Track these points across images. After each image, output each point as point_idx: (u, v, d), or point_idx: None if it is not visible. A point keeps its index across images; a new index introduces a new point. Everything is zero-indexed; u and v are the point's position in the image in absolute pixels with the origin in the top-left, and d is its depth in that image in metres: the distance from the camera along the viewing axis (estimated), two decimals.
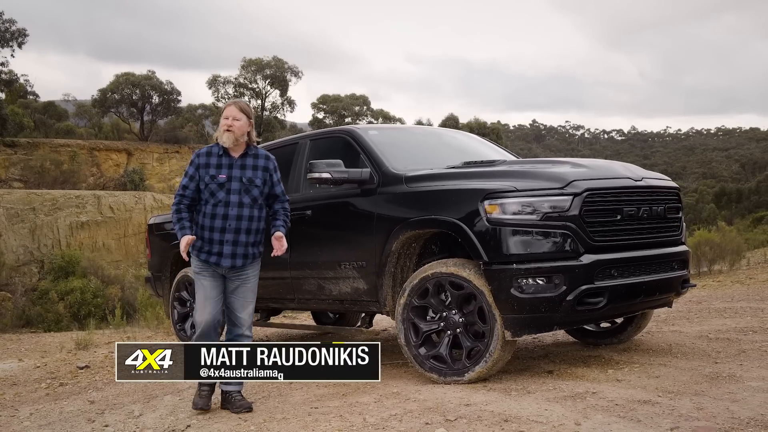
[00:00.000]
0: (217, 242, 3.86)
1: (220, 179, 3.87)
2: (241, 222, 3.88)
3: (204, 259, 3.89)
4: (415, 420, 3.35)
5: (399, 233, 4.41)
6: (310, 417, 3.61)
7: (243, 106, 3.95)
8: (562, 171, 4.14)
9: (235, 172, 3.90)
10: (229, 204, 3.86)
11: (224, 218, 3.86)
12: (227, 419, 3.73)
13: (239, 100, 4.06)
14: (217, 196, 3.86)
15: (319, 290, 5.07)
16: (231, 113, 3.89)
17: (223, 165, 3.90)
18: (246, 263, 3.93)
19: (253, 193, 3.92)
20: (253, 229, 3.94)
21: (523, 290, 3.87)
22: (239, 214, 3.87)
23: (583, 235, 3.93)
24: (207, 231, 3.88)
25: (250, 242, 3.92)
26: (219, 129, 3.93)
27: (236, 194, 3.87)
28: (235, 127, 3.86)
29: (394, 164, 4.74)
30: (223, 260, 3.87)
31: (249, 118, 3.93)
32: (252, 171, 3.94)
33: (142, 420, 3.87)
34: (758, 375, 3.86)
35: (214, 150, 3.95)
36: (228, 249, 3.86)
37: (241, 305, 3.95)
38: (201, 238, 3.89)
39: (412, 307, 4.29)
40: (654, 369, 4.14)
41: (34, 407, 4.41)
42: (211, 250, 3.87)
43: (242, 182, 3.89)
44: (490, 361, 4.00)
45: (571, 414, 3.25)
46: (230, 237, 3.86)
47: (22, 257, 22.99)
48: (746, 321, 5.80)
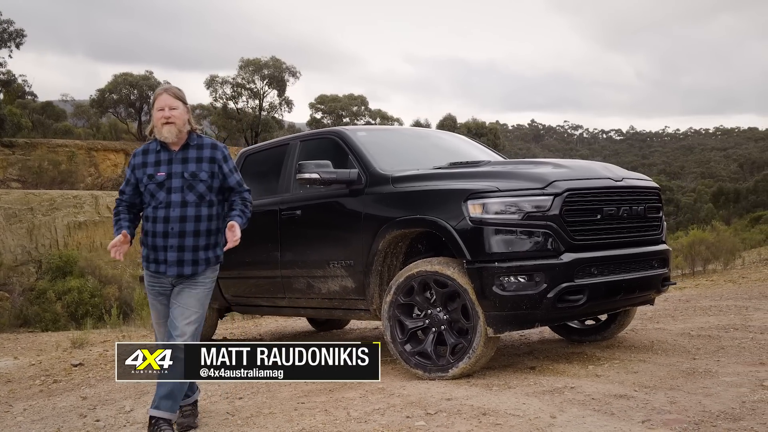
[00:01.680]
0: (161, 248, 3.41)
1: (159, 177, 3.43)
2: (186, 224, 3.40)
3: (153, 270, 3.47)
4: (396, 414, 3.44)
5: (386, 232, 4.51)
6: (296, 412, 3.70)
7: (176, 92, 3.49)
8: (544, 171, 4.24)
9: (176, 168, 3.44)
10: (171, 204, 3.40)
11: (166, 221, 3.41)
12: (215, 414, 3.82)
13: (170, 86, 3.55)
14: (157, 197, 3.42)
15: (309, 289, 5.16)
16: (165, 102, 3.42)
17: (162, 161, 3.46)
18: (196, 271, 3.44)
19: (198, 189, 3.43)
20: (202, 230, 3.45)
21: (504, 288, 3.96)
22: (182, 214, 3.40)
23: (564, 234, 4.03)
24: (150, 237, 3.44)
25: (200, 246, 3.44)
26: (153, 123, 3.47)
27: (178, 193, 3.41)
28: (175, 116, 3.41)
29: (381, 165, 4.83)
30: (168, 268, 3.42)
31: (185, 104, 3.50)
32: (195, 164, 3.46)
33: (132, 415, 3.97)
34: (733, 371, 3.96)
35: (151, 147, 3.52)
36: (172, 255, 3.40)
37: (179, 313, 3.41)
38: (147, 245, 3.47)
39: (398, 305, 4.38)
40: (633, 365, 4.24)
41: (28, 403, 4.50)
42: (157, 258, 3.44)
43: (184, 178, 3.42)
44: (474, 357, 4.09)
45: (548, 408, 3.35)
46: (174, 242, 3.39)
47: (20, 257, 23.08)
48: (729, 319, 5.90)
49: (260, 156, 6.16)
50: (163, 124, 3.40)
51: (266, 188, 5.77)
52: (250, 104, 41.17)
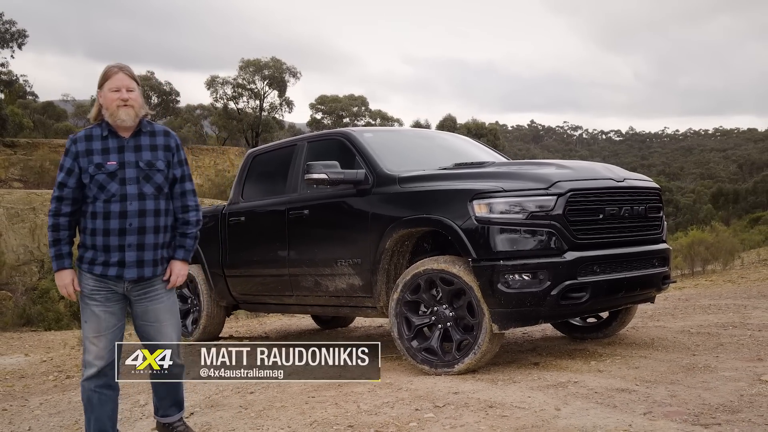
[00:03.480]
0: (116, 248, 3.00)
1: (110, 167, 3.01)
2: (145, 219, 3.03)
3: (100, 273, 3.01)
4: (405, 406, 3.55)
5: (392, 231, 4.62)
6: (307, 405, 3.81)
7: (132, 72, 3.11)
8: (547, 172, 4.35)
9: (129, 156, 3.04)
10: (127, 197, 3.01)
11: (122, 216, 3.00)
12: (228, 407, 3.93)
13: (123, 64, 3.12)
14: (108, 189, 3.00)
15: (317, 287, 5.27)
16: (122, 82, 3.03)
17: (111, 149, 3.04)
18: (156, 272, 3.10)
19: (156, 180, 3.07)
20: (161, 226, 3.09)
21: (509, 285, 4.07)
22: (141, 208, 3.02)
23: (567, 233, 4.14)
24: (101, 236, 3.00)
25: (159, 244, 3.09)
26: (104, 104, 3.05)
27: (133, 184, 3.02)
28: (132, 98, 3.04)
29: (388, 165, 4.94)
30: (127, 271, 3.01)
31: (139, 86, 3.14)
32: (150, 152, 3.09)
33: (147, 408, 4.07)
34: (732, 366, 4.07)
35: (95, 132, 3.07)
36: (132, 256, 3.01)
37: (156, 331, 3.12)
38: (92, 247, 3.02)
39: (405, 302, 4.49)
40: (634, 360, 4.35)
41: (43, 398, 4.61)
42: (108, 260, 3.00)
43: (139, 168, 3.05)
44: (479, 353, 4.20)
45: (552, 401, 3.46)
46: (133, 240, 3.01)
47: (22, 257, 23.15)
48: (728, 317, 6.01)
49: (267, 157, 6.27)
50: (119, 107, 3.01)
51: (273, 188, 5.90)
52: (251, 105, 41.30)
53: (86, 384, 3.06)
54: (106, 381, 3.06)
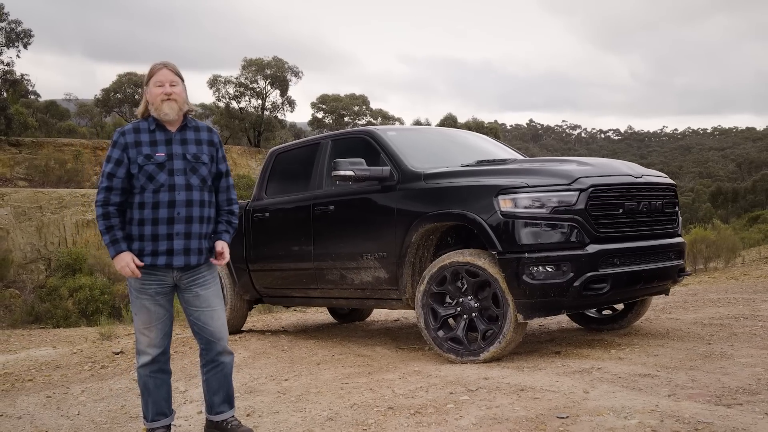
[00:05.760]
0: (165, 237, 3.10)
1: (159, 158, 3.11)
2: (192, 209, 3.13)
3: (150, 264, 3.10)
4: (440, 390, 3.74)
5: (419, 226, 4.80)
6: (342, 390, 4.00)
7: (176, 68, 3.22)
8: (569, 168, 4.54)
9: (176, 149, 3.16)
10: (175, 187, 3.11)
11: (170, 206, 3.09)
12: (267, 393, 4.11)
13: (167, 61, 3.24)
14: (157, 179, 3.09)
15: (342, 280, 5.45)
16: (166, 77, 3.15)
17: (159, 141, 3.15)
18: (200, 260, 3.19)
19: (201, 173, 3.19)
20: (206, 216, 3.20)
21: (534, 277, 4.26)
22: (188, 198, 3.13)
23: (589, 227, 4.32)
24: (149, 225, 3.10)
25: (203, 234, 3.19)
26: (149, 100, 3.17)
27: (181, 175, 3.13)
28: (176, 93, 3.15)
29: (412, 162, 5.12)
30: (175, 259, 3.11)
31: (183, 82, 3.24)
32: (196, 146, 3.21)
33: (188, 394, 4.26)
34: (747, 353, 4.26)
35: (142, 125, 3.19)
36: (180, 244, 3.11)
37: (209, 316, 3.21)
38: (140, 237, 3.12)
39: (431, 294, 4.67)
40: (653, 349, 4.54)
41: (84, 386, 4.78)
42: (157, 249, 3.10)
43: (187, 160, 3.16)
44: (504, 342, 4.39)
45: (580, 384, 3.65)
46: (181, 228, 3.11)
47: (30, 255, 23.32)
48: (738, 309, 6.20)
49: (290, 155, 6.44)
50: (162, 101, 3.13)
51: (297, 185, 6.07)
52: (253, 104, 41.47)
53: (141, 371, 3.22)
54: (159, 366, 3.22)
